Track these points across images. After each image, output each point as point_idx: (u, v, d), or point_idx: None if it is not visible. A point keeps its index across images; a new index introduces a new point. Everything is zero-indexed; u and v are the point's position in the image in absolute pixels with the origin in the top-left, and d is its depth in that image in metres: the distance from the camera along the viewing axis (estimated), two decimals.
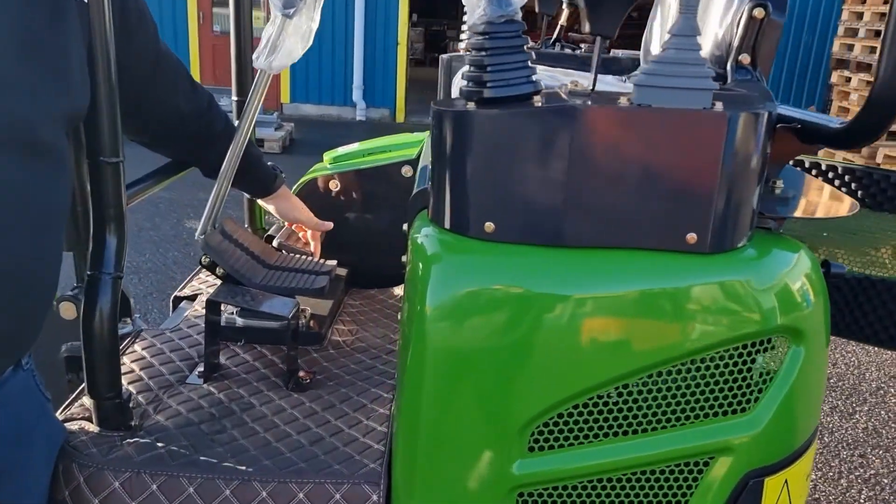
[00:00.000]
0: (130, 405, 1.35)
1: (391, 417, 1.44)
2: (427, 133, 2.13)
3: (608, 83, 1.84)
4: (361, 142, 2.25)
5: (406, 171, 2.05)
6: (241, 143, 1.62)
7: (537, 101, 1.18)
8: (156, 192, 1.58)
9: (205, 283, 2.03)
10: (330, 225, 1.89)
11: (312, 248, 1.91)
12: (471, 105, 1.18)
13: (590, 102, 1.17)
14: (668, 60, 1.13)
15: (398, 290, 2.10)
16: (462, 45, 2.05)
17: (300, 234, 2.02)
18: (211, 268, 1.65)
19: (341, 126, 10.75)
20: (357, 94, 11.25)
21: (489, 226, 1.19)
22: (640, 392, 1.22)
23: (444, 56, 2.02)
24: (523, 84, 1.18)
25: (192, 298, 1.98)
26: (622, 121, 1.15)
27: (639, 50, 2.01)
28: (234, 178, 1.65)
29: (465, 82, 1.23)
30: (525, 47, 1.19)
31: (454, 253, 1.22)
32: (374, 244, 2.13)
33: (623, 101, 1.15)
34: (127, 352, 1.64)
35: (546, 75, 1.70)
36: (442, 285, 1.20)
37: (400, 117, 11.43)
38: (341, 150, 2.21)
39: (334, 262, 1.83)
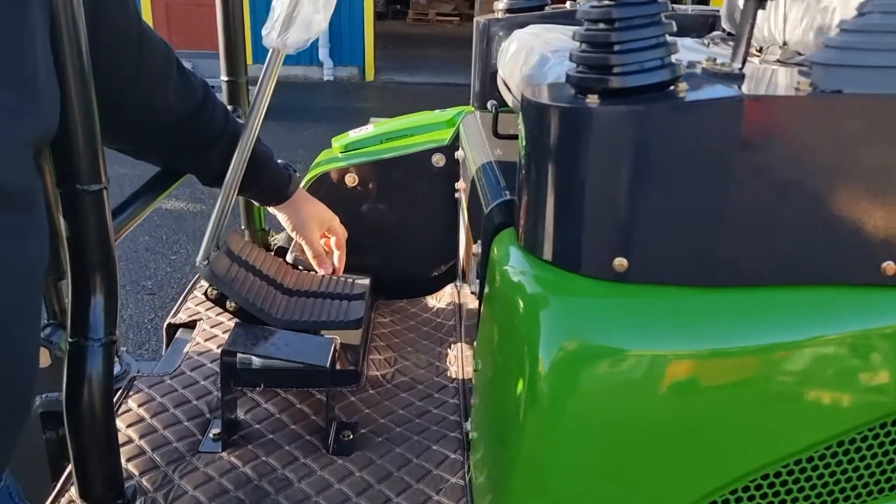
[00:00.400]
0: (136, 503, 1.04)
1: (469, 490, 1.15)
2: (457, 111, 1.80)
3: (686, 47, 1.51)
4: (376, 123, 1.91)
5: (437, 159, 1.72)
6: (249, 143, 1.28)
7: (681, 89, 0.86)
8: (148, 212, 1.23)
9: (203, 306, 1.69)
10: (334, 269, 1.55)
11: (336, 261, 1.58)
12: (592, 99, 0.86)
13: (758, 90, 0.86)
14: (868, 29, 0.82)
15: (431, 301, 1.79)
16: (501, 6, 1.71)
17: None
18: (220, 302, 1.32)
19: (309, 87, 10.21)
20: (323, 53, 10.66)
21: (620, 263, 0.87)
22: (826, 465, 0.94)
23: (480, 19, 1.68)
24: (659, 68, 0.86)
25: (190, 326, 1.64)
26: (804, 114, 0.84)
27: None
28: (242, 183, 1.31)
29: (574, 65, 0.90)
30: (664, 15, 0.86)
31: (573, 297, 0.92)
32: (400, 247, 1.81)
33: (801, 85, 0.84)
34: (120, 411, 1.31)
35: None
36: (560, 338, 0.89)
37: (369, 75, 10.90)
38: (353, 134, 1.87)
39: (366, 281, 1.51)
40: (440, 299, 1.78)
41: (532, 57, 1.25)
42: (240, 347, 1.22)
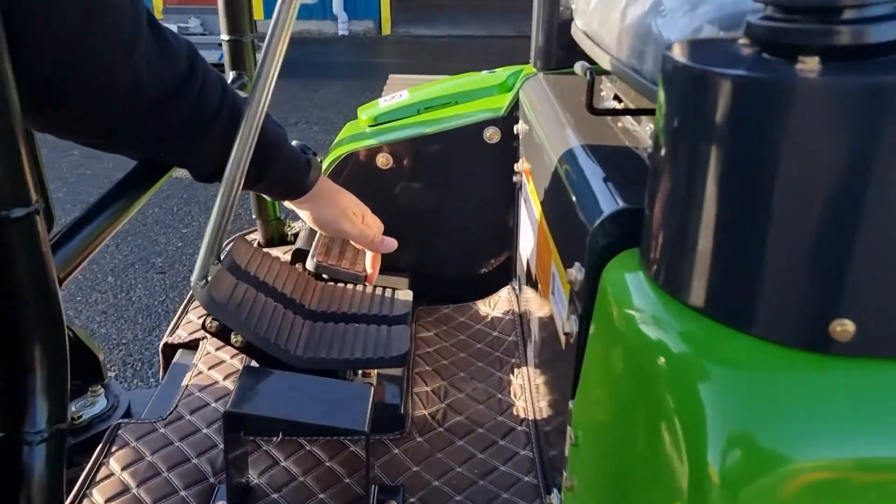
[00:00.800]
0: None
1: None
2: (511, 72, 1.46)
3: None
4: (411, 89, 1.57)
5: (491, 134, 1.39)
6: (255, 124, 0.95)
7: None
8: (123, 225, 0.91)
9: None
10: (394, 244, 1.23)
11: (369, 265, 1.26)
12: (807, 63, 0.52)
13: None
14: None
15: (483, 308, 1.47)
16: None
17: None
18: (222, 336, 1.01)
19: (322, 42, 9.77)
20: (337, 6, 10.18)
21: (842, 328, 0.55)
22: None
23: None
24: None
25: (191, 347, 1.34)
26: None
27: None
28: (248, 177, 0.99)
29: (760, 8, 0.57)
30: None
31: (764, 374, 0.59)
32: (443, 241, 1.49)
33: None
34: (98, 477, 1.01)
35: None
36: (742, 436, 0.57)
37: (386, 29, 10.41)
38: (383, 103, 1.53)
39: (409, 297, 1.19)
40: (494, 306, 1.46)
41: (637, 1, 0.90)
42: (248, 406, 0.91)
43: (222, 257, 1.07)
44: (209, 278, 1.02)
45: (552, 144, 1.04)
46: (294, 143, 1.13)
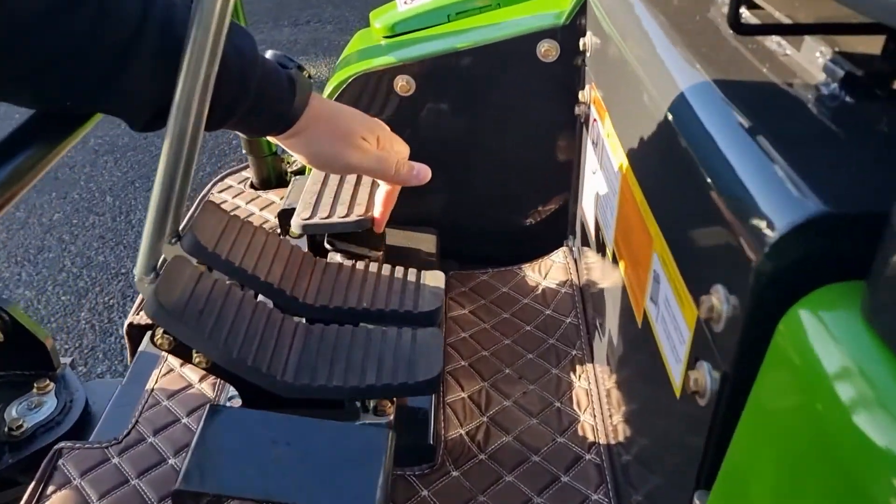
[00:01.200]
0: None
1: None
2: None
3: None
4: None
5: (546, 50, 1.04)
6: (209, 40, 0.63)
7: None
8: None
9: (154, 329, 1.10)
10: (427, 173, 0.90)
11: (379, 204, 0.94)
12: None
13: None
14: None
15: (531, 275, 1.16)
16: None
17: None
18: (181, 353, 0.72)
19: None
20: None
21: None
22: None
23: None
24: None
25: None
26: None
27: None
28: (209, 114, 0.68)
29: None
30: None
31: None
32: (480, 188, 1.17)
33: None
34: None
35: None
36: None
37: None
38: (402, 7, 1.18)
39: (439, 280, 0.89)
40: (546, 273, 1.15)
41: None
42: (209, 480, 0.61)
43: (181, 234, 0.77)
44: (160, 269, 0.72)
45: (649, 72, 0.71)
46: (269, 53, 0.79)
